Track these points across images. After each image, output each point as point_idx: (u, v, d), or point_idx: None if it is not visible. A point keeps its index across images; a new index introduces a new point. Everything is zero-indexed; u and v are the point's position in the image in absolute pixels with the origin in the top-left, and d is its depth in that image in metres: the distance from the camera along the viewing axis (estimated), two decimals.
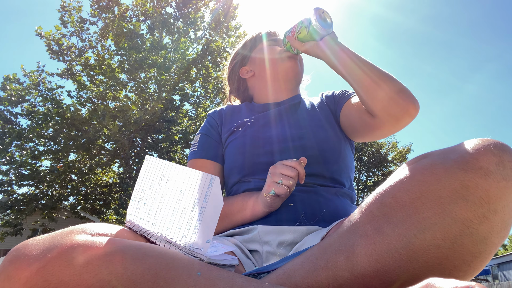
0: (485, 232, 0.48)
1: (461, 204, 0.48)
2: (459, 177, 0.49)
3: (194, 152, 1.09)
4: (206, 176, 0.58)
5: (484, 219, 0.48)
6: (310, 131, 1.01)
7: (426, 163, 0.53)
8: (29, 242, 0.49)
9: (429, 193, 0.50)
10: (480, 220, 0.48)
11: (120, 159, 10.95)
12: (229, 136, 1.07)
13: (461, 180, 0.49)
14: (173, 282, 0.47)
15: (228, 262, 0.61)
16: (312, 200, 0.89)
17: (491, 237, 0.49)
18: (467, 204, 0.48)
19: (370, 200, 0.55)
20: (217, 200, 0.56)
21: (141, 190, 0.63)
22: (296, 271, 0.54)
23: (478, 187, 0.48)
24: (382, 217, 0.51)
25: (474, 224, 0.48)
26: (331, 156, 0.97)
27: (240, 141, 1.02)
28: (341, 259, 0.51)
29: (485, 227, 0.48)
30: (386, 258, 0.49)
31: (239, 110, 1.17)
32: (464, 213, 0.48)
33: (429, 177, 0.51)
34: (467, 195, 0.48)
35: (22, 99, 10.14)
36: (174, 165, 0.61)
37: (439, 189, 0.49)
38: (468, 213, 0.48)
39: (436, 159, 0.53)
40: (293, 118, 1.07)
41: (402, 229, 0.49)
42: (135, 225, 0.62)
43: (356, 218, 0.55)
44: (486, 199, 0.48)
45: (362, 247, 0.50)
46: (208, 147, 1.08)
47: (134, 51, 9.97)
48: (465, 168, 0.49)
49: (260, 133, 1.03)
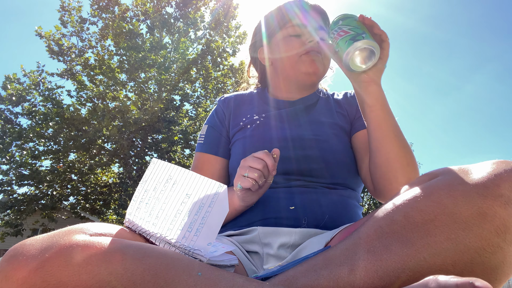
0: (498, 262, 0.46)
1: (476, 231, 0.45)
2: (477, 203, 0.46)
3: (201, 145, 1.07)
4: (214, 184, 0.59)
5: (498, 249, 0.45)
6: (320, 138, 0.95)
7: (443, 182, 0.50)
8: (26, 242, 0.48)
9: (443, 216, 0.47)
10: (494, 250, 0.45)
11: (120, 159, 10.95)
12: (237, 132, 1.03)
13: (479, 206, 0.46)
14: (173, 282, 0.46)
15: (228, 262, 0.61)
16: (314, 201, 0.87)
17: (503, 267, 0.47)
18: (483, 232, 0.45)
19: (380, 215, 0.53)
20: (222, 207, 0.57)
21: (144, 191, 0.63)
22: (298, 279, 0.54)
23: (496, 215, 0.45)
24: (392, 234, 0.49)
25: (486, 253, 0.45)
26: (337, 168, 0.92)
27: (248, 142, 0.98)
28: (345, 271, 0.50)
29: (498, 256, 0.46)
30: (391, 276, 0.47)
31: (250, 101, 1.11)
32: (478, 242, 0.45)
33: (445, 199, 0.48)
34: (483, 223, 0.45)
35: (23, 99, 10.15)
36: (182, 170, 0.62)
37: (455, 214, 0.46)
38: (482, 241, 0.45)
39: (454, 180, 0.50)
40: (305, 121, 1.01)
41: (411, 250, 0.47)
42: (134, 225, 0.62)
43: (364, 232, 0.53)
44: (503, 229, 0.45)
45: (368, 262, 0.49)
46: (213, 141, 1.06)
47: (134, 51, 9.97)
48: (484, 194, 0.46)
49: (268, 135, 0.98)
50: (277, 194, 0.89)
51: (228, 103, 1.10)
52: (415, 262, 0.46)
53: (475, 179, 0.49)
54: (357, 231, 0.55)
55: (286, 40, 1.02)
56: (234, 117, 1.07)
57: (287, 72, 1.04)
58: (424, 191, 0.50)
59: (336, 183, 0.92)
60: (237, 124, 1.05)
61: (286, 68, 1.03)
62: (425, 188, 0.51)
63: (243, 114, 1.06)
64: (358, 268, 0.49)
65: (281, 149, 0.91)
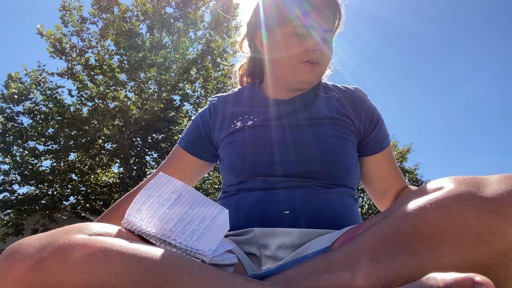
0: (501, 279, 0.45)
1: (484, 250, 0.44)
2: (488, 221, 0.45)
3: (181, 138, 1.10)
4: (216, 206, 0.64)
5: (504, 267, 0.44)
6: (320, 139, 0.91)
7: (453, 195, 0.48)
8: (24, 241, 0.48)
9: (451, 231, 0.46)
10: (499, 268, 0.44)
11: (120, 159, 10.96)
12: (228, 135, 0.98)
13: (489, 224, 0.44)
14: (173, 282, 0.46)
15: (228, 261, 0.61)
16: (312, 201, 0.86)
17: (506, 285, 0.46)
18: (491, 251, 0.44)
19: (385, 223, 0.52)
20: (223, 226, 0.61)
21: (147, 195, 0.63)
22: (299, 281, 0.53)
23: (506, 235, 0.44)
24: (397, 244, 0.49)
25: (491, 271, 0.44)
26: (337, 170, 0.90)
27: (240, 145, 0.94)
28: (346, 276, 0.50)
29: (502, 274, 0.45)
30: (393, 285, 0.47)
31: (244, 100, 1.04)
32: (485, 260, 0.44)
33: (454, 213, 0.46)
34: (492, 241, 0.44)
35: (25, 98, 10.16)
36: (188, 187, 0.65)
37: (464, 230, 0.45)
38: (489, 260, 0.44)
39: (464, 194, 0.48)
40: (304, 122, 0.95)
41: (416, 262, 0.46)
42: (133, 225, 0.61)
43: (369, 238, 0.52)
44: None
45: (371, 269, 0.48)
46: (192, 139, 1.07)
47: (134, 51, 9.98)
48: (496, 212, 0.45)
49: (267, 137, 0.93)
50: (275, 195, 0.87)
51: (217, 105, 1.05)
52: (419, 273, 0.46)
53: (486, 194, 0.47)
54: (362, 236, 0.54)
55: (287, 39, 0.92)
56: (225, 119, 1.01)
57: (284, 73, 0.96)
58: (433, 202, 0.49)
59: (334, 184, 0.91)
60: (229, 126, 0.99)
61: (284, 69, 0.96)
62: (434, 199, 0.49)
63: (237, 115, 1.00)
64: (360, 274, 0.49)
65: (281, 151, 0.90)
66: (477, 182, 0.50)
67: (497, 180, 0.49)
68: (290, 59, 0.93)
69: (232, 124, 1.00)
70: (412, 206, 0.51)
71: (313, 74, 0.93)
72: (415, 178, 18.81)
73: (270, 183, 0.89)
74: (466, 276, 0.37)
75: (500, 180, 0.49)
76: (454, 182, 0.51)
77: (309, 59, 0.91)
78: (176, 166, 1.09)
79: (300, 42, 0.91)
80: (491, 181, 0.49)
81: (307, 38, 0.91)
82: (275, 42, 0.95)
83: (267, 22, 0.96)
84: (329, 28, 0.93)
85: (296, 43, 0.91)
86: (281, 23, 0.92)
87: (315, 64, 0.93)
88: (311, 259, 0.58)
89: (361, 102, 1.00)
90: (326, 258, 0.55)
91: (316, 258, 0.57)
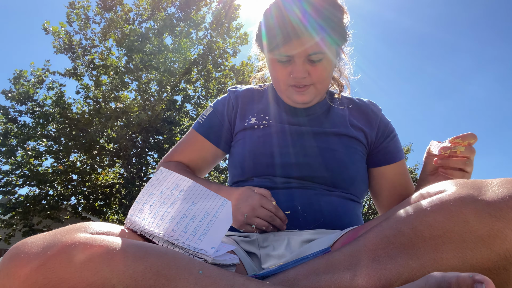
0: (501, 282, 0.45)
1: (484, 253, 0.44)
2: (488, 224, 0.45)
3: (199, 124, 1.05)
4: (219, 199, 0.62)
5: (504, 270, 0.45)
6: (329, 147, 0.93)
7: (454, 197, 0.48)
8: (28, 240, 0.49)
9: (453, 234, 0.46)
10: (499, 271, 0.45)
11: (122, 159, 10.96)
12: (243, 130, 1.00)
13: (490, 227, 0.45)
14: (174, 280, 0.46)
15: (230, 261, 0.61)
16: (313, 203, 0.87)
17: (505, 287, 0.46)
18: (491, 254, 0.44)
19: (387, 224, 0.52)
20: (226, 219, 0.60)
21: (148, 194, 0.64)
22: (300, 281, 0.54)
23: (507, 239, 0.44)
24: (398, 246, 0.49)
25: (491, 274, 0.45)
26: (342, 180, 0.92)
27: (251, 144, 0.96)
28: (347, 277, 0.50)
29: (502, 277, 0.45)
30: (393, 286, 0.47)
31: (262, 99, 1.05)
32: (485, 263, 0.45)
33: (456, 216, 0.46)
34: (493, 245, 0.44)
35: (30, 98, 10.16)
36: (190, 181, 0.64)
37: (465, 233, 0.45)
38: (489, 263, 0.44)
39: (466, 197, 0.48)
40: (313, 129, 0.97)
41: (417, 264, 0.47)
42: (136, 225, 0.62)
43: (370, 239, 0.53)
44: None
45: (372, 269, 0.49)
46: (212, 127, 1.04)
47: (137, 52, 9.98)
48: (497, 216, 0.45)
49: (274, 140, 0.95)
50: (278, 195, 0.88)
51: (238, 96, 1.06)
52: (419, 275, 0.46)
53: (488, 198, 0.47)
54: (363, 237, 0.54)
55: (273, 65, 0.92)
56: (243, 113, 1.03)
57: (280, 93, 0.98)
58: (434, 205, 0.49)
59: (338, 189, 0.92)
60: (245, 121, 1.01)
61: (278, 90, 0.97)
62: (435, 201, 0.50)
63: (253, 112, 1.02)
64: (361, 274, 0.49)
65: (290, 155, 0.92)
66: (478, 185, 0.49)
67: (499, 184, 0.49)
68: (279, 83, 0.93)
69: (247, 118, 1.01)
70: (413, 208, 0.51)
71: (305, 96, 0.92)
72: (415, 178, 18.79)
73: (275, 183, 0.91)
74: (466, 275, 0.37)
75: (502, 184, 0.49)
76: (455, 185, 0.51)
77: (294, 83, 0.91)
78: (194, 153, 1.06)
79: (283, 69, 0.90)
80: (493, 184, 0.49)
81: (289, 65, 0.89)
82: (268, 65, 0.96)
83: (261, 46, 0.96)
84: (313, 51, 0.85)
85: (279, 70, 0.91)
86: (268, 49, 0.90)
87: (303, 88, 0.91)
88: (312, 259, 0.58)
89: (374, 115, 1.02)
90: (327, 258, 0.55)
91: (317, 259, 0.57)
